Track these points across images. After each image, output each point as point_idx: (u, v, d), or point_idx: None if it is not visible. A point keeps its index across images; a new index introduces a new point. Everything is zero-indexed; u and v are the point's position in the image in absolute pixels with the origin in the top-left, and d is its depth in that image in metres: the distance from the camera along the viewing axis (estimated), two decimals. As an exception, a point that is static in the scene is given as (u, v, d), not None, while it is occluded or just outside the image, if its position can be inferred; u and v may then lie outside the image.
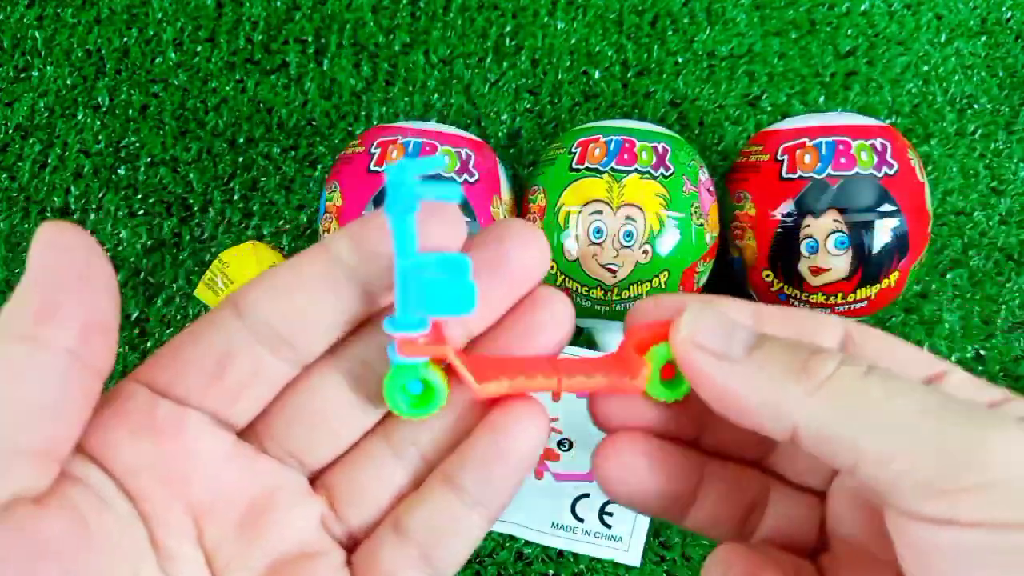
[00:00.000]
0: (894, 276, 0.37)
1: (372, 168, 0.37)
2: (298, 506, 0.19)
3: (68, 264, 0.16)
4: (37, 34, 0.48)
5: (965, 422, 0.15)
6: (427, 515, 0.19)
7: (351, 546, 0.20)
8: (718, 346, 0.18)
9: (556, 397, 0.19)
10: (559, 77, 0.47)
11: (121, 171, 0.46)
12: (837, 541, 0.20)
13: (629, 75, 0.47)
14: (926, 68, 0.47)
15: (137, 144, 0.46)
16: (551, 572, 0.40)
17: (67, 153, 0.46)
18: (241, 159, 0.46)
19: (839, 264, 0.36)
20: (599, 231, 0.36)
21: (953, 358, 0.43)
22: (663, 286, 0.37)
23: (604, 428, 0.20)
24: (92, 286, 0.16)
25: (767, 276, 0.38)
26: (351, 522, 0.19)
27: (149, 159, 0.46)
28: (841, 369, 0.16)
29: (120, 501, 0.17)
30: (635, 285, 0.36)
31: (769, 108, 0.46)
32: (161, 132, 0.46)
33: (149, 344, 0.44)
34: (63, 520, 0.16)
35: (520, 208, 0.41)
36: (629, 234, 0.36)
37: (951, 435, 0.15)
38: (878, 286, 0.37)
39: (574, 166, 0.37)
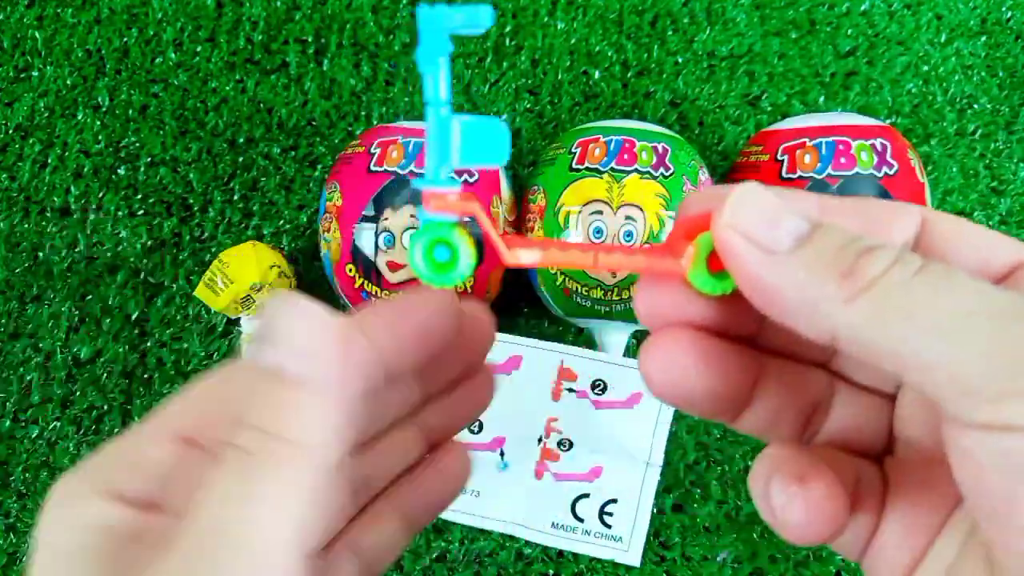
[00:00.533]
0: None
1: (372, 168, 0.37)
2: None
3: None
4: (37, 34, 0.48)
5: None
6: (377, 539, 0.22)
7: None
8: (762, 235, 0.16)
9: (593, 268, 0.18)
10: (559, 77, 0.47)
11: (121, 171, 0.46)
12: (903, 444, 0.19)
13: (629, 75, 0.47)
14: (926, 68, 0.47)
15: (137, 144, 0.46)
16: (551, 572, 0.40)
17: (67, 153, 0.46)
18: (241, 159, 0.46)
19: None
20: (599, 231, 0.36)
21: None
22: (663, 286, 0.37)
23: (650, 324, 0.19)
24: None
25: (767, 276, 0.38)
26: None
27: (149, 159, 0.46)
28: (892, 269, 0.15)
29: None
30: (635, 285, 0.36)
31: (769, 108, 0.46)
32: (161, 132, 0.46)
33: (149, 344, 0.44)
34: None
35: (520, 208, 0.41)
36: (629, 234, 0.36)
37: (1008, 335, 0.14)
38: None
39: (574, 166, 0.37)
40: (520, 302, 0.44)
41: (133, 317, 0.44)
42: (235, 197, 0.45)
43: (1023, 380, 0.13)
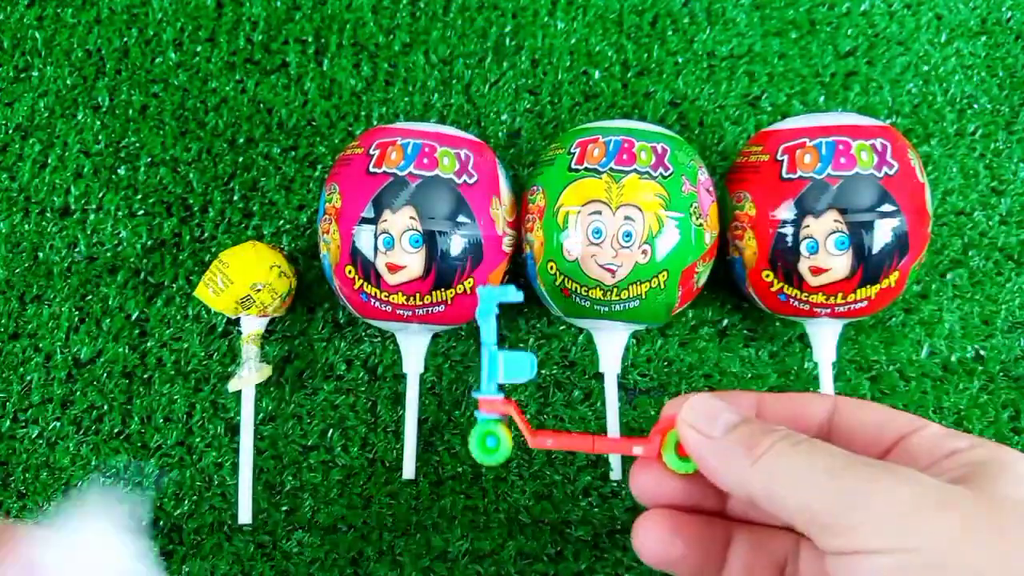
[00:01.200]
0: (894, 276, 0.36)
1: (371, 170, 0.37)
2: None
3: None
4: (37, 34, 0.48)
5: (857, 474, 0.20)
6: None
7: None
8: (703, 426, 0.24)
9: (592, 451, 0.28)
10: (559, 77, 0.47)
11: (121, 171, 0.46)
12: None
13: (629, 75, 0.47)
14: (926, 68, 0.47)
15: (137, 144, 0.46)
16: (551, 572, 0.40)
17: (67, 153, 0.46)
18: (241, 159, 0.46)
19: (839, 264, 0.36)
20: (598, 231, 0.36)
21: (953, 358, 0.43)
22: (662, 286, 0.37)
23: (641, 499, 0.26)
24: None
25: (767, 276, 0.38)
26: None
27: (149, 159, 0.46)
28: (777, 444, 0.22)
29: None
30: (634, 285, 0.36)
31: (769, 108, 0.46)
32: (161, 132, 0.46)
33: (149, 344, 0.44)
34: None
35: (520, 208, 0.41)
36: (628, 234, 0.36)
37: (847, 486, 0.20)
38: (878, 286, 0.37)
39: (573, 166, 0.37)
40: (520, 302, 0.44)
41: (133, 317, 0.44)
42: (235, 197, 0.45)
43: (856, 516, 0.19)
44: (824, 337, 0.39)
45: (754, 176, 0.38)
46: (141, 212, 0.45)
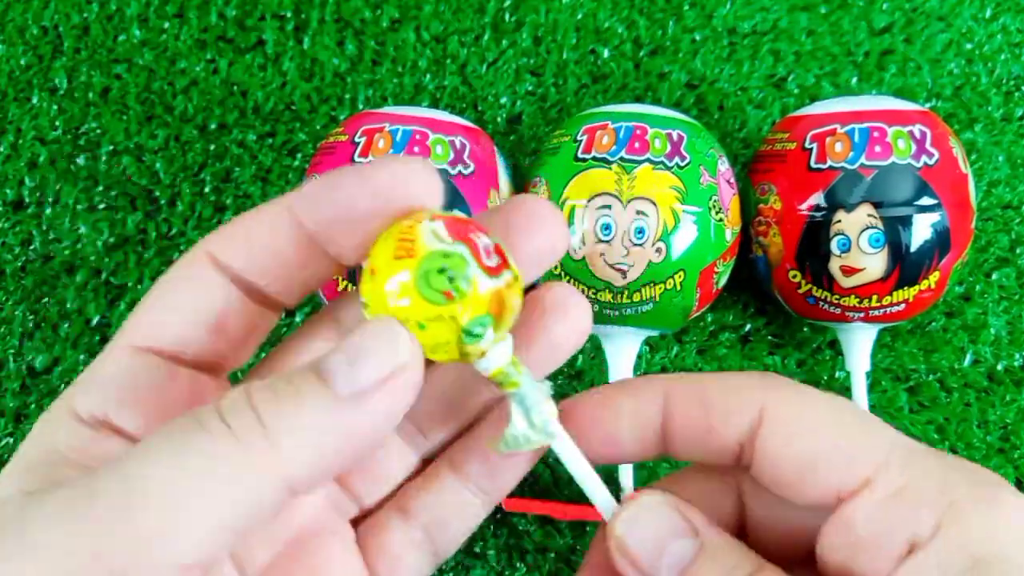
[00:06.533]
0: (934, 277, 0.37)
1: (356, 159, 0.37)
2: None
3: None
4: (-12, 9, 0.48)
5: None
6: (433, 500, 0.22)
7: (357, 523, 0.22)
8: (647, 561, 0.19)
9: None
10: (564, 56, 0.47)
11: (80, 160, 0.46)
12: None
13: (641, 54, 0.47)
14: (969, 46, 0.47)
15: (98, 131, 0.46)
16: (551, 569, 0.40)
17: (21, 141, 0.46)
18: (213, 147, 0.46)
19: (873, 264, 0.36)
20: (607, 228, 0.36)
21: (1000, 367, 0.43)
22: (678, 288, 0.37)
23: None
24: None
25: (794, 277, 0.38)
26: (363, 501, 0.22)
27: (111, 147, 0.46)
28: None
29: None
30: (647, 287, 0.36)
31: (796, 90, 0.47)
32: (124, 117, 0.47)
33: (111, 351, 0.43)
34: None
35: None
36: (641, 231, 0.36)
37: None
38: (916, 288, 0.37)
39: (580, 155, 0.37)
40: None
41: (93, 322, 0.44)
42: (206, 189, 0.46)
43: None
44: (857, 344, 0.39)
45: (780, 166, 0.38)
46: (102, 206, 0.45)
